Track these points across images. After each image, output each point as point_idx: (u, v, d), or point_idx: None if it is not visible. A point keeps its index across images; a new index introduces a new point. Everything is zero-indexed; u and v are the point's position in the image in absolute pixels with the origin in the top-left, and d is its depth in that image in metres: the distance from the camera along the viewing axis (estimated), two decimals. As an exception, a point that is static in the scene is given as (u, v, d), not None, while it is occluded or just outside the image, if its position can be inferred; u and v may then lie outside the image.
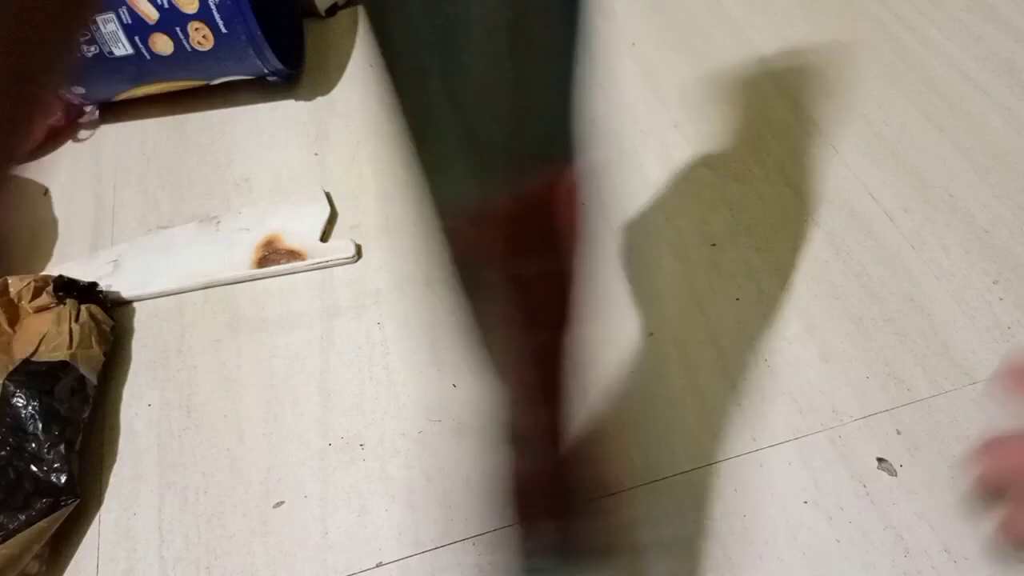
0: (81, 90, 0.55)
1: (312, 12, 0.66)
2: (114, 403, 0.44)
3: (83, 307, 0.44)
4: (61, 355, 0.41)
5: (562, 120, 0.21)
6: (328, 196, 0.52)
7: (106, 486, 0.41)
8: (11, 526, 0.36)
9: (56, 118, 0.58)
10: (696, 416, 0.39)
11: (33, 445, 0.38)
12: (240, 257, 0.49)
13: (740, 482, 0.37)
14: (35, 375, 0.40)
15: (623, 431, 0.39)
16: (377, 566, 0.37)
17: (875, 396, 0.39)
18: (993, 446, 0.20)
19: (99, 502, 0.40)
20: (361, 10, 0.67)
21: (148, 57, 0.52)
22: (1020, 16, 0.57)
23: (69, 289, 0.45)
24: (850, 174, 0.49)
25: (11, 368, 0.40)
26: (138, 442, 0.42)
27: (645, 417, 0.39)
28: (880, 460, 0.37)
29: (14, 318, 0.43)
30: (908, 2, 0.59)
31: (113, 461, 0.42)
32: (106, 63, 0.52)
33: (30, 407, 0.39)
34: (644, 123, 0.54)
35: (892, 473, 0.37)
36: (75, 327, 0.43)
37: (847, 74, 0.55)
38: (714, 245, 0.47)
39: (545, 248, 0.24)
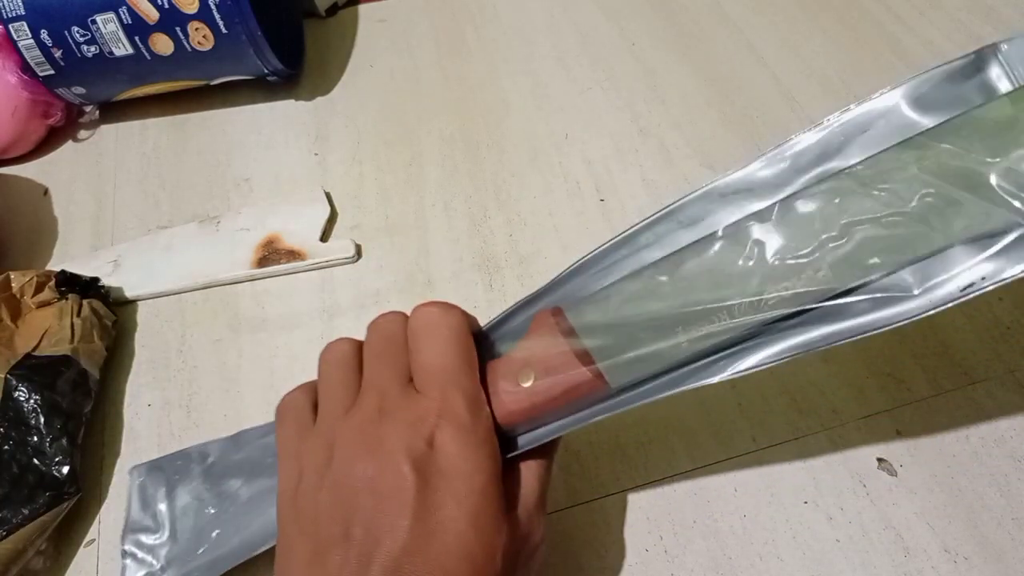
0: (81, 90, 0.55)
1: (312, 12, 0.66)
2: (115, 403, 0.44)
3: (85, 302, 0.44)
4: (63, 349, 0.41)
5: None
6: (328, 196, 0.52)
7: (107, 485, 0.41)
8: (15, 520, 0.36)
9: (56, 118, 0.58)
10: (695, 416, 0.39)
11: (35, 439, 0.38)
12: (240, 257, 0.49)
13: (740, 482, 0.37)
14: (37, 369, 0.40)
15: (621, 431, 0.39)
16: (377, 565, 0.36)
17: (875, 396, 0.39)
18: None
19: (100, 501, 0.40)
20: (361, 10, 0.67)
21: (148, 57, 0.52)
22: (1020, 17, 0.57)
23: (71, 284, 0.45)
24: (850, 174, 0.49)
25: (13, 362, 0.40)
26: (138, 442, 0.42)
27: (644, 417, 0.39)
28: (880, 460, 0.37)
29: (16, 313, 0.43)
30: (908, 2, 0.59)
31: (114, 460, 0.42)
32: (106, 63, 0.52)
33: (32, 401, 0.39)
34: (644, 123, 0.54)
35: (892, 473, 0.37)
36: (77, 321, 0.43)
37: (847, 74, 0.55)
38: (714, 245, 0.47)
39: None
